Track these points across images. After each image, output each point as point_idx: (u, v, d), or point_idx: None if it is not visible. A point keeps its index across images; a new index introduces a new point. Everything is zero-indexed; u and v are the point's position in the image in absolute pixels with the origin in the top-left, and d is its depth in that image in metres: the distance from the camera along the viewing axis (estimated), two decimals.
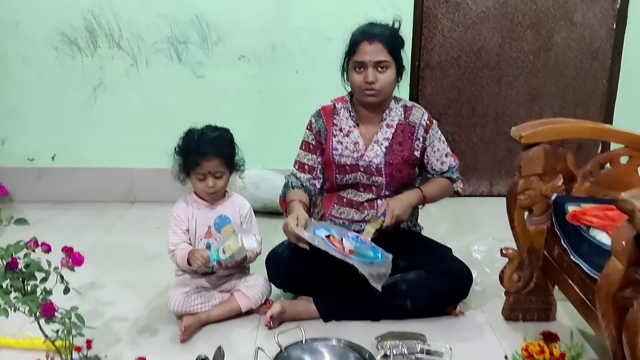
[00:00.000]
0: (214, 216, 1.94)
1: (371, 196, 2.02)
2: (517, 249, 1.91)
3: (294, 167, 2.09)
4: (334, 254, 1.74)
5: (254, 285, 1.95)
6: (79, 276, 2.18)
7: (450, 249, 2.08)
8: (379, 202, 2.02)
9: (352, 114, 2.03)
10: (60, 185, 3.11)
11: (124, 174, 3.12)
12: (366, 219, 2.01)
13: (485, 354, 1.78)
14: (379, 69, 1.90)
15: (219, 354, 1.65)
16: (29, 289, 1.40)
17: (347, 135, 2.02)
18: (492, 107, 3.20)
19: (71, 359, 1.49)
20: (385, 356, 1.63)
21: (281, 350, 1.64)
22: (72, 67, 2.98)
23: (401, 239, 2.02)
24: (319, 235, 1.80)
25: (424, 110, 2.05)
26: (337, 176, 2.03)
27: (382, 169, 1.99)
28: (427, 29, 3.05)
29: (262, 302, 1.96)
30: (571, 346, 1.58)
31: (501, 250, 1.92)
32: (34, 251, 1.47)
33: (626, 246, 1.27)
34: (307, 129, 2.07)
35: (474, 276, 1.98)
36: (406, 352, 1.66)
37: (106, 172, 3.12)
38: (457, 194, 2.14)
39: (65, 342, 1.46)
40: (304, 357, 1.67)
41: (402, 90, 2.04)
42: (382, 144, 2.00)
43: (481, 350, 1.80)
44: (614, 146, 1.94)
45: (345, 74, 2.01)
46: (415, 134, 2.01)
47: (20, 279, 1.39)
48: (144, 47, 2.96)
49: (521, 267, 1.92)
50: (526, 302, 1.95)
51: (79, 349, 1.49)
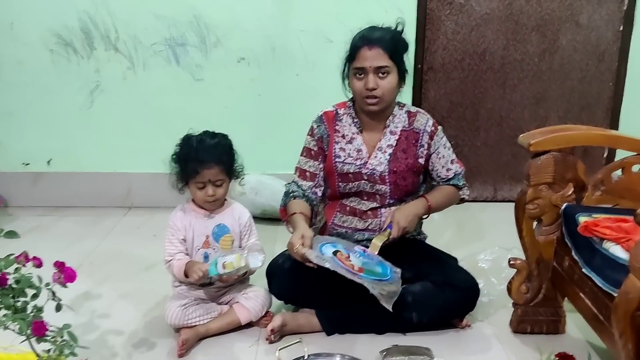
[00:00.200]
0: (212, 225, 1.88)
1: (375, 205, 1.96)
2: (525, 259, 1.86)
3: (295, 174, 2.03)
4: (343, 273, 1.67)
5: (254, 297, 1.90)
6: (74, 287, 2.11)
7: (456, 259, 2.02)
8: (383, 210, 1.96)
9: (355, 120, 1.97)
10: (56, 190, 3.05)
11: (121, 179, 3.07)
12: (370, 227, 1.96)
13: None
14: (380, 74, 1.85)
15: None
16: (20, 307, 1.34)
17: (350, 142, 1.96)
18: (496, 110, 3.15)
19: None
20: None
21: None
22: (67, 70, 2.92)
23: (405, 248, 1.96)
24: (326, 253, 1.74)
25: (428, 116, 1.99)
26: (340, 184, 1.97)
27: (386, 177, 1.93)
28: (430, 31, 3.00)
29: (263, 314, 1.90)
30: None
31: (509, 260, 1.87)
32: (24, 266, 1.41)
33: None
34: (308, 134, 2.01)
35: (480, 286, 1.92)
36: None
37: (103, 177, 3.07)
38: (462, 202, 2.09)
39: None
40: None
41: (405, 93, 1.99)
42: (385, 151, 1.94)
43: None
44: (622, 151, 1.88)
45: (346, 80, 1.96)
46: (419, 141, 1.95)
47: (10, 296, 1.33)
48: (141, 49, 2.91)
49: (530, 278, 1.87)
50: (535, 314, 1.90)
51: None
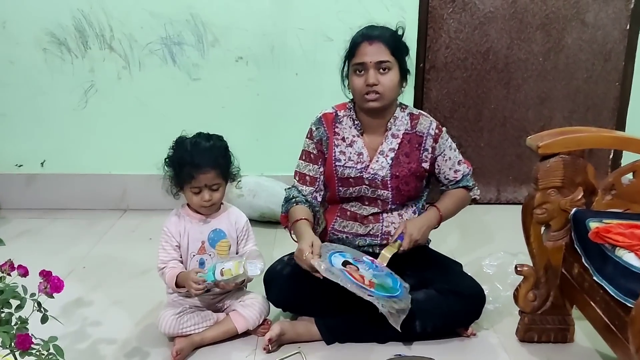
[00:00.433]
0: (207, 230, 1.81)
1: (376, 210, 1.89)
2: (532, 265, 1.80)
3: (295, 178, 1.95)
4: (354, 290, 1.60)
5: (251, 304, 1.83)
6: (65, 294, 2.05)
7: (460, 265, 1.96)
8: (385, 215, 1.89)
9: (356, 122, 1.90)
10: (49, 192, 2.99)
11: (116, 181, 3.01)
12: (371, 232, 1.90)
13: None
14: (381, 70, 1.78)
15: None
16: (3, 318, 1.28)
17: (351, 145, 1.89)
18: (499, 110, 3.08)
19: None
20: None
21: None
22: (61, 70, 2.86)
23: (409, 253, 1.87)
24: (335, 264, 1.68)
25: (432, 118, 1.92)
26: (340, 188, 1.90)
27: (388, 182, 1.86)
28: (432, 30, 2.93)
29: (260, 322, 1.84)
30: None
31: (516, 267, 1.80)
32: (9, 275, 1.34)
33: None
34: (307, 137, 1.94)
35: (485, 293, 1.86)
36: None
37: (97, 179, 3.00)
38: (474, 202, 2.01)
39: None
40: None
41: (406, 93, 1.92)
42: (387, 155, 1.88)
43: None
44: (629, 153, 1.81)
45: (345, 81, 1.89)
46: (423, 144, 1.88)
47: None
48: (137, 49, 2.84)
49: (537, 285, 1.80)
50: (542, 323, 1.84)
51: None
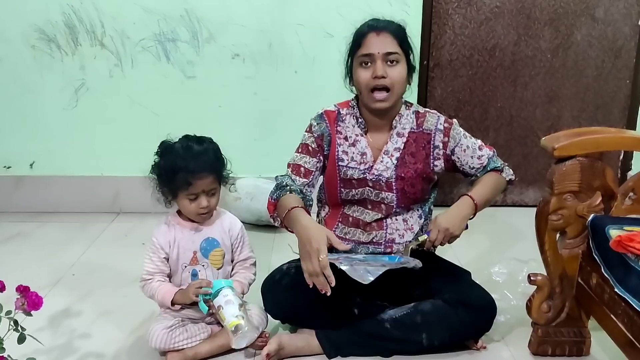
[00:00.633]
0: (200, 239, 1.70)
1: (380, 215, 1.78)
2: (547, 275, 1.70)
3: (288, 169, 1.81)
4: (377, 270, 1.54)
5: (248, 316, 1.72)
6: (53, 302, 1.99)
7: (469, 273, 1.85)
8: (389, 221, 1.79)
9: (360, 120, 1.79)
10: (39, 195, 2.89)
11: (108, 183, 2.91)
12: (374, 240, 1.79)
13: None
14: (389, 62, 1.67)
15: None
16: None
17: (353, 144, 1.79)
18: (506, 109, 2.98)
19: None
20: None
21: None
22: (51, 67, 2.76)
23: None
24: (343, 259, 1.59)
25: (439, 114, 1.81)
26: (342, 190, 1.79)
27: (393, 184, 1.76)
28: (436, 26, 2.83)
29: (258, 335, 1.73)
30: None
31: (529, 276, 1.70)
32: None
33: None
34: (306, 131, 1.82)
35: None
36: None
37: (89, 181, 2.91)
38: (511, 184, 1.86)
39: None
40: None
41: (410, 91, 1.82)
42: (392, 155, 1.77)
43: None
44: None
45: (349, 76, 1.78)
46: (432, 142, 1.77)
47: None
48: (129, 45, 2.74)
49: (551, 295, 1.70)
50: (556, 335, 1.74)
51: None
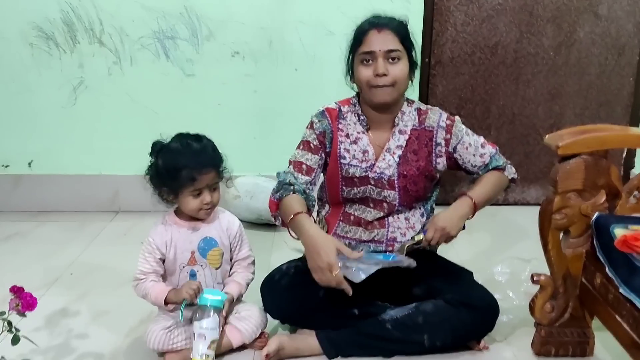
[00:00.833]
0: (197, 239, 1.68)
1: (381, 214, 1.76)
2: (550, 274, 1.67)
3: (289, 166, 1.78)
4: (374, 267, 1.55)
5: (248, 316, 1.70)
6: (51, 302, 1.98)
7: (471, 273, 1.83)
8: (390, 220, 1.77)
9: (361, 118, 1.77)
10: (37, 194, 2.88)
11: (107, 182, 2.89)
12: (375, 238, 1.77)
13: None
14: (390, 60, 1.66)
15: None
16: None
17: (355, 142, 1.77)
18: (508, 107, 2.96)
19: None
20: None
21: None
22: (49, 65, 2.74)
23: (415, 260, 1.76)
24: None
25: (441, 111, 1.80)
26: (344, 188, 1.77)
27: (395, 182, 1.74)
28: (438, 23, 2.81)
29: (257, 335, 1.71)
30: None
31: (532, 276, 1.67)
32: None
33: None
34: (307, 128, 1.80)
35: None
36: None
37: (88, 180, 2.89)
38: (513, 182, 1.86)
39: None
40: None
41: (411, 89, 1.80)
42: (394, 153, 1.75)
43: None
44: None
45: (350, 74, 1.76)
46: (434, 139, 1.76)
47: None
48: (128, 43, 2.72)
49: (555, 295, 1.68)
50: (560, 335, 1.71)
51: None
